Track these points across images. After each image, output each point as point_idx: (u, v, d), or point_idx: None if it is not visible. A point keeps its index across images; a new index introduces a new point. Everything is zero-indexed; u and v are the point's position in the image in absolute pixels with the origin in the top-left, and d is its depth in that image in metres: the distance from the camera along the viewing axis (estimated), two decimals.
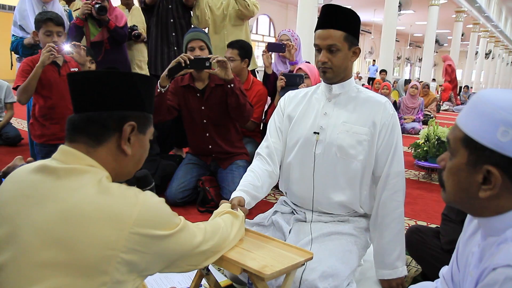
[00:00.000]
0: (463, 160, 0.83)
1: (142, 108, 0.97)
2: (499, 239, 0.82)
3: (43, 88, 2.60)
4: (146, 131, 0.99)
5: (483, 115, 0.79)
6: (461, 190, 0.85)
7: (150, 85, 1.01)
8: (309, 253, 1.27)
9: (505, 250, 0.77)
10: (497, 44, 25.13)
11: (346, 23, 1.49)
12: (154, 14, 3.28)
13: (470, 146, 0.81)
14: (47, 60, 2.42)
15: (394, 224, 1.55)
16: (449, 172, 0.87)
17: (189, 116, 2.73)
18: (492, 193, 0.80)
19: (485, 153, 0.79)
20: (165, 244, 0.89)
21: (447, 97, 12.55)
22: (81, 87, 0.93)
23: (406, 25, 21.71)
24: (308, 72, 2.84)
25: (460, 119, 0.85)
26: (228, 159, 2.78)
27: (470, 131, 0.81)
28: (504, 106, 0.77)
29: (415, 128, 6.66)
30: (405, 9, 11.70)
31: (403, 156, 1.58)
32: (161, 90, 2.45)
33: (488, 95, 0.81)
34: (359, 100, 1.58)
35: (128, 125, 0.93)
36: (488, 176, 0.79)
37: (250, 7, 3.23)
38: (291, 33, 3.25)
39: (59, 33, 2.56)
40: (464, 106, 0.89)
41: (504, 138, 0.76)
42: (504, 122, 0.76)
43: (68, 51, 2.51)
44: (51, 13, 2.60)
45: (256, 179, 1.56)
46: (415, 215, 2.92)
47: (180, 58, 2.40)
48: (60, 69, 2.63)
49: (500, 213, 0.82)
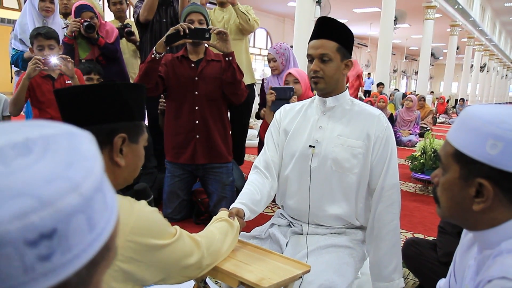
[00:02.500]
0: (456, 175, 0.85)
1: (131, 118, 0.96)
2: (494, 252, 0.82)
3: (38, 102, 2.60)
4: (139, 139, 0.98)
5: (472, 129, 0.81)
6: (455, 205, 0.87)
7: (139, 92, 1.01)
8: (306, 266, 1.27)
9: (500, 262, 0.78)
10: (491, 57, 25.40)
11: (339, 35, 1.52)
12: (148, 30, 3.26)
13: (461, 160, 0.83)
14: (32, 73, 2.41)
15: (390, 236, 1.56)
16: (443, 187, 0.89)
17: (178, 87, 2.60)
18: (485, 205, 0.81)
19: (476, 166, 0.80)
20: (161, 254, 0.90)
21: (443, 109, 12.64)
22: (68, 103, 0.93)
23: (402, 39, 21.94)
24: (298, 77, 2.82)
25: (450, 135, 0.87)
26: (211, 155, 2.65)
27: (460, 145, 0.83)
28: (491, 120, 0.79)
29: (412, 141, 6.69)
30: (400, 23, 11.83)
31: (397, 168, 1.59)
32: (156, 56, 2.37)
33: (475, 110, 0.83)
34: (353, 113, 1.60)
35: (118, 137, 0.92)
36: (481, 189, 0.81)
37: (251, 21, 3.25)
38: (276, 49, 3.26)
39: (50, 46, 2.56)
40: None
41: (493, 151, 0.78)
42: (492, 136, 0.78)
43: (55, 64, 2.48)
44: (42, 28, 2.61)
45: (255, 193, 1.56)
46: (412, 228, 2.92)
47: (180, 26, 2.31)
48: (55, 82, 2.63)
49: (494, 226, 0.83)
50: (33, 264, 0.33)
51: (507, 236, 0.81)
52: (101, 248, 0.39)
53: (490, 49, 23.62)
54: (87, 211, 0.37)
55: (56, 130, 0.39)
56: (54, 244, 0.34)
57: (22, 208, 0.33)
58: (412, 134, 6.90)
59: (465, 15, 16.54)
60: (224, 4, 3.40)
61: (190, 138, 2.63)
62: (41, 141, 0.37)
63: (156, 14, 3.25)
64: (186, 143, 2.64)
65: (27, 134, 0.37)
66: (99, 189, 0.38)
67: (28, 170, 0.34)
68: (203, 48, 2.62)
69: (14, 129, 0.38)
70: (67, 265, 0.35)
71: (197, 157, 2.64)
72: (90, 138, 0.41)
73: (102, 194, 0.39)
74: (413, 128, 7.01)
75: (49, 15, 3.01)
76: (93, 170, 0.38)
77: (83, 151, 0.39)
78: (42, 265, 0.34)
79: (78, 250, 0.36)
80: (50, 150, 0.37)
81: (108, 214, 0.40)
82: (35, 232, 0.33)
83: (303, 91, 2.82)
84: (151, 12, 3.17)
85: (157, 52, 2.36)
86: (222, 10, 3.42)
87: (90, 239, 0.37)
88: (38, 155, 0.36)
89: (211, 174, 2.69)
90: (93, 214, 0.37)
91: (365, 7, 15.40)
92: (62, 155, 0.37)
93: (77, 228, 0.36)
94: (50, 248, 0.34)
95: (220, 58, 2.57)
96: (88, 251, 0.37)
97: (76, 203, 0.35)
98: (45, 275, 0.34)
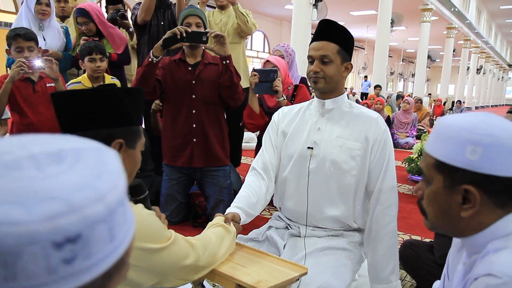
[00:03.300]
0: (440, 185, 0.86)
1: (129, 123, 0.96)
2: (481, 254, 0.84)
3: (19, 107, 2.50)
4: (136, 145, 0.98)
5: (449, 138, 0.84)
6: (443, 214, 0.88)
7: (137, 96, 1.00)
8: (303, 268, 1.27)
9: (486, 260, 0.80)
10: (488, 59, 25.51)
11: (340, 37, 1.53)
12: (146, 32, 3.26)
13: (443, 170, 0.85)
14: (16, 76, 2.32)
15: (387, 238, 1.56)
16: (428, 199, 0.90)
17: (175, 90, 2.58)
18: (473, 211, 0.83)
19: (459, 174, 0.82)
20: (157, 257, 0.90)
21: (440, 112, 12.68)
22: (65, 107, 0.93)
23: (399, 41, 22.02)
24: (276, 64, 2.78)
25: (429, 147, 0.90)
26: (208, 159, 2.64)
27: (440, 155, 0.85)
28: (467, 128, 0.82)
29: (409, 143, 6.70)
30: (397, 25, 11.86)
31: (395, 170, 1.59)
32: (153, 59, 2.35)
33: (449, 120, 0.86)
34: (351, 116, 1.60)
35: (115, 143, 0.92)
36: (467, 195, 0.83)
37: (249, 23, 3.24)
38: (285, 48, 3.20)
39: (30, 48, 2.46)
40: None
41: (473, 157, 0.80)
42: (470, 142, 0.80)
43: (40, 67, 2.38)
44: (20, 29, 2.51)
45: (251, 196, 1.56)
46: (409, 230, 2.92)
47: (177, 30, 2.30)
48: (35, 85, 2.54)
49: (481, 230, 0.84)
50: (56, 266, 0.35)
51: (493, 237, 0.83)
52: (117, 261, 0.40)
53: (486, 51, 23.74)
54: (110, 221, 0.39)
55: (86, 144, 0.43)
56: (78, 249, 0.36)
57: (52, 210, 0.35)
58: (409, 136, 6.92)
59: (461, 18, 16.63)
60: (223, 7, 3.40)
61: (187, 142, 2.62)
62: (72, 153, 0.40)
63: (154, 17, 3.25)
64: (183, 146, 2.63)
65: (60, 146, 0.41)
66: (121, 203, 0.41)
67: (60, 177, 0.37)
68: (201, 51, 2.61)
69: (49, 140, 0.42)
70: (86, 271, 0.37)
71: (194, 161, 2.63)
72: (116, 155, 0.45)
73: (123, 208, 0.42)
74: (410, 130, 7.02)
75: (45, 18, 2.99)
76: (118, 184, 0.41)
77: (110, 166, 0.42)
78: (65, 268, 0.35)
79: (97, 258, 0.38)
80: (80, 162, 0.40)
81: (126, 228, 0.42)
82: (62, 234, 0.35)
83: (283, 78, 2.79)
84: (148, 13, 3.17)
85: (154, 55, 2.35)
86: (221, 13, 3.42)
87: (109, 249, 0.39)
88: (70, 164, 0.39)
89: (209, 177, 2.69)
90: (114, 225, 0.40)
91: (362, 10, 15.46)
92: (91, 167, 0.40)
93: (99, 237, 0.38)
94: (74, 252, 0.36)
95: (217, 61, 2.55)
96: (106, 261, 0.39)
97: (101, 212, 0.38)
98: (65, 278, 0.36)
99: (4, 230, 0.33)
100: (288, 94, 2.81)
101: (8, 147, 0.39)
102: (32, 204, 0.34)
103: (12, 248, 0.33)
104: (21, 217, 0.33)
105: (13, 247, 0.33)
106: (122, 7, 3.55)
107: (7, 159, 0.37)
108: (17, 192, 0.35)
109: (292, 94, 2.83)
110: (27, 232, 0.33)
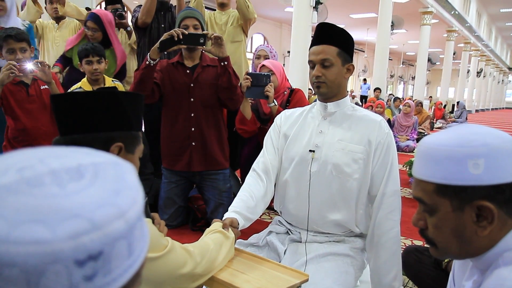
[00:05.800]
0: (448, 209, 0.82)
1: (129, 127, 0.95)
2: (491, 267, 0.81)
3: (12, 111, 2.43)
4: (135, 150, 0.97)
5: (445, 158, 0.79)
6: (457, 238, 0.83)
7: (138, 101, 1.00)
8: (304, 275, 1.24)
9: (496, 274, 0.77)
10: (488, 62, 25.53)
11: (339, 40, 1.52)
12: (146, 35, 3.25)
13: (447, 192, 0.80)
14: (6, 79, 2.21)
15: (390, 243, 1.53)
16: (436, 227, 0.85)
17: (173, 94, 2.55)
18: (492, 226, 0.79)
19: (467, 192, 0.78)
20: (153, 266, 0.88)
21: (441, 114, 12.67)
22: (65, 109, 0.92)
23: (399, 44, 22.04)
24: (272, 69, 2.73)
25: (423, 173, 0.84)
26: (207, 162, 2.61)
27: (440, 179, 0.81)
28: (459, 143, 0.79)
29: (410, 146, 6.68)
30: (397, 28, 11.85)
31: (398, 175, 1.56)
32: (150, 62, 2.32)
33: (434, 141, 0.83)
34: (354, 118, 1.58)
35: (115, 146, 0.91)
36: (480, 212, 0.79)
37: (250, 8, 3.22)
38: (269, 49, 3.13)
39: (22, 49, 2.35)
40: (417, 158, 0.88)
41: (477, 170, 0.77)
42: (469, 156, 0.77)
43: (31, 70, 2.27)
44: (11, 30, 2.38)
45: (250, 199, 1.53)
46: (411, 234, 2.89)
47: (174, 32, 2.27)
48: (29, 89, 2.45)
49: (492, 246, 0.81)
50: (78, 283, 0.35)
51: (505, 249, 0.80)
52: (133, 274, 0.41)
53: (486, 54, 23.74)
54: (129, 237, 0.39)
55: (104, 159, 0.43)
56: (99, 265, 0.36)
57: (76, 229, 0.35)
58: (410, 140, 6.89)
59: (461, 21, 16.63)
60: (224, 6, 3.41)
61: (186, 146, 2.59)
62: (91, 168, 0.40)
63: (154, 19, 3.24)
64: (182, 150, 2.60)
65: (79, 161, 0.41)
66: (140, 218, 0.41)
67: (81, 194, 0.37)
68: (199, 53, 2.58)
69: (66, 154, 0.41)
70: (105, 287, 0.37)
71: (193, 165, 2.60)
72: (132, 168, 0.45)
73: (141, 223, 0.42)
74: (410, 133, 7.00)
75: (2, 14, 2.85)
76: (137, 199, 0.41)
77: (128, 181, 0.42)
78: (85, 284, 0.36)
79: (116, 273, 0.38)
80: (99, 177, 0.40)
81: (143, 242, 0.43)
82: (85, 252, 0.35)
83: (279, 82, 2.75)
84: (149, 15, 3.15)
85: (151, 58, 2.32)
86: (221, 13, 3.43)
87: (128, 264, 0.39)
88: (89, 180, 0.39)
89: (208, 181, 2.66)
90: (133, 240, 0.40)
91: (362, 13, 15.46)
92: (110, 182, 0.40)
93: (119, 253, 0.38)
94: (94, 269, 0.36)
95: (216, 63, 2.53)
96: (125, 275, 0.39)
97: (122, 229, 0.38)
98: None
99: (28, 249, 0.33)
100: (283, 99, 2.78)
101: (27, 161, 0.38)
102: (56, 222, 0.34)
103: (36, 268, 0.33)
104: (45, 236, 0.33)
105: (37, 266, 0.33)
106: (120, 7, 3.53)
107: (28, 176, 0.36)
108: (40, 210, 0.34)
109: (287, 99, 2.79)
110: (51, 251, 0.33)
